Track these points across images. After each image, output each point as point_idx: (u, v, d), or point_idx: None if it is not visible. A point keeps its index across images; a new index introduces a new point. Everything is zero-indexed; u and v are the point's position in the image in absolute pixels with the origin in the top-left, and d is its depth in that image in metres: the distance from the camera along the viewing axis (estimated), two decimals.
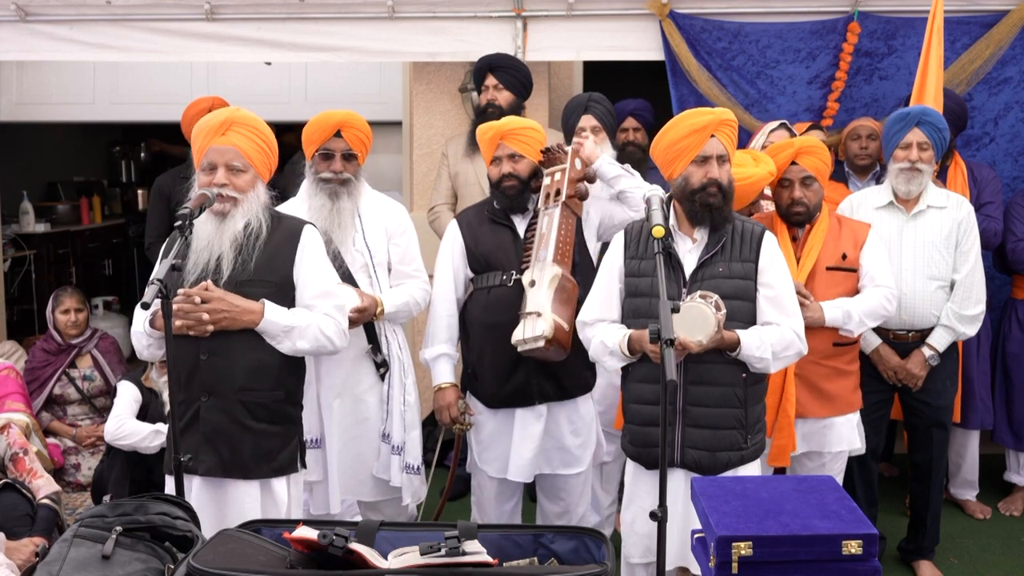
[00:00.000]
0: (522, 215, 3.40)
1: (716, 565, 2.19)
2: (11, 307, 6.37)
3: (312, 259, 2.86)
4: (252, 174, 2.82)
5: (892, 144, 3.61)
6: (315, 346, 2.82)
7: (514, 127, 3.37)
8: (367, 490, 3.41)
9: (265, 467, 2.82)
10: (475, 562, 2.12)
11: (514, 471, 3.37)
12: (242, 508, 2.77)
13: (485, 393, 3.40)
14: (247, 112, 2.88)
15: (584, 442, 3.43)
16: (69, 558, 2.27)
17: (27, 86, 6.28)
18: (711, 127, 2.85)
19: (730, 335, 2.77)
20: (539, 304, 3.09)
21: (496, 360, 3.31)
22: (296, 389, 2.93)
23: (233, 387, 2.76)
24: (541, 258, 3.18)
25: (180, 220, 2.63)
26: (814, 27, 4.50)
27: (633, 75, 5.73)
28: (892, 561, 3.87)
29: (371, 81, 5.87)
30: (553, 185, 3.30)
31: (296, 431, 2.92)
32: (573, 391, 3.38)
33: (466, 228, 3.43)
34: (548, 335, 3.03)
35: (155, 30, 4.70)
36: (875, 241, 3.43)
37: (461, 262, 3.42)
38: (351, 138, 3.31)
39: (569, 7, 4.55)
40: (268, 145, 2.86)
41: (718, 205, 2.85)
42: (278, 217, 2.92)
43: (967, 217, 3.62)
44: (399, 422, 3.35)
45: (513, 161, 3.35)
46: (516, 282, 3.27)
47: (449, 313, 3.43)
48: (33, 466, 3.69)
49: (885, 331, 3.62)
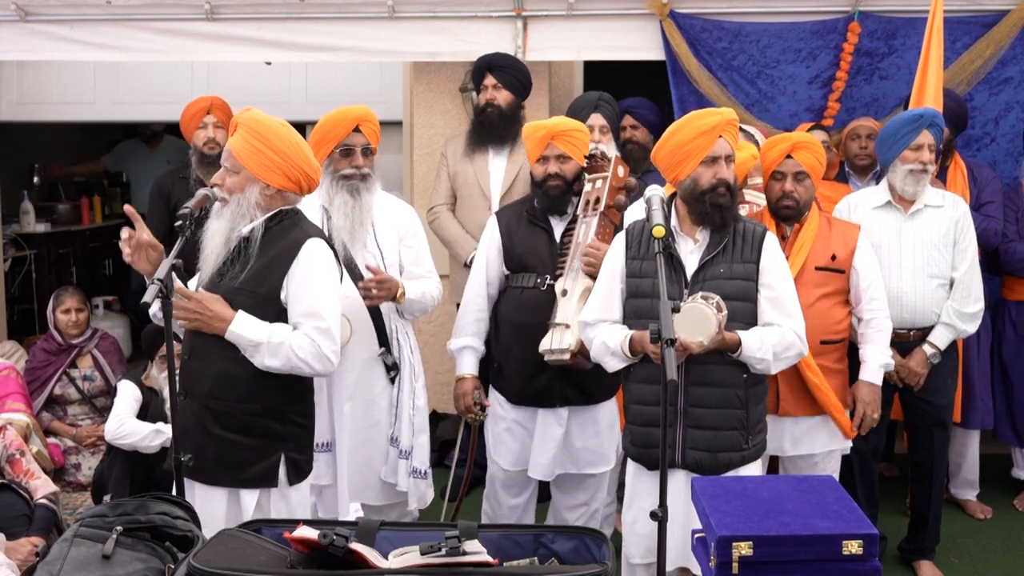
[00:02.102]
0: (560, 217, 3.42)
1: (716, 565, 2.19)
2: (11, 307, 6.37)
3: (305, 275, 2.73)
4: (245, 175, 2.74)
5: (900, 145, 3.60)
6: (287, 366, 2.70)
7: (566, 128, 3.38)
8: (374, 494, 3.41)
9: (231, 477, 2.75)
10: (475, 562, 2.12)
11: (535, 469, 3.42)
12: (203, 513, 2.69)
13: (510, 389, 3.45)
14: (256, 113, 2.79)
15: (606, 443, 3.48)
16: (69, 558, 2.27)
17: (27, 86, 6.28)
18: (719, 128, 2.85)
19: (731, 336, 2.77)
20: (568, 316, 3.16)
21: (523, 359, 3.35)
22: (283, 406, 2.79)
23: (202, 391, 2.74)
24: (575, 268, 3.22)
25: (180, 220, 2.63)
26: (814, 27, 4.50)
27: (633, 75, 5.73)
28: (893, 561, 3.87)
29: (371, 81, 5.87)
30: (593, 192, 3.31)
31: (281, 447, 2.79)
32: (596, 396, 3.42)
33: (504, 226, 3.46)
34: (574, 349, 3.11)
35: (155, 30, 4.70)
36: (866, 248, 3.41)
37: (497, 259, 3.46)
38: (369, 133, 3.30)
39: (569, 7, 4.55)
40: (271, 147, 2.72)
41: (727, 205, 2.85)
42: (292, 226, 2.80)
43: (964, 215, 3.64)
44: (408, 426, 3.35)
45: (560, 162, 3.36)
46: (549, 287, 3.31)
47: (479, 307, 3.48)
48: (30, 467, 3.69)
49: None
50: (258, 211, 2.76)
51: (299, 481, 2.87)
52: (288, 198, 2.81)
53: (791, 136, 3.49)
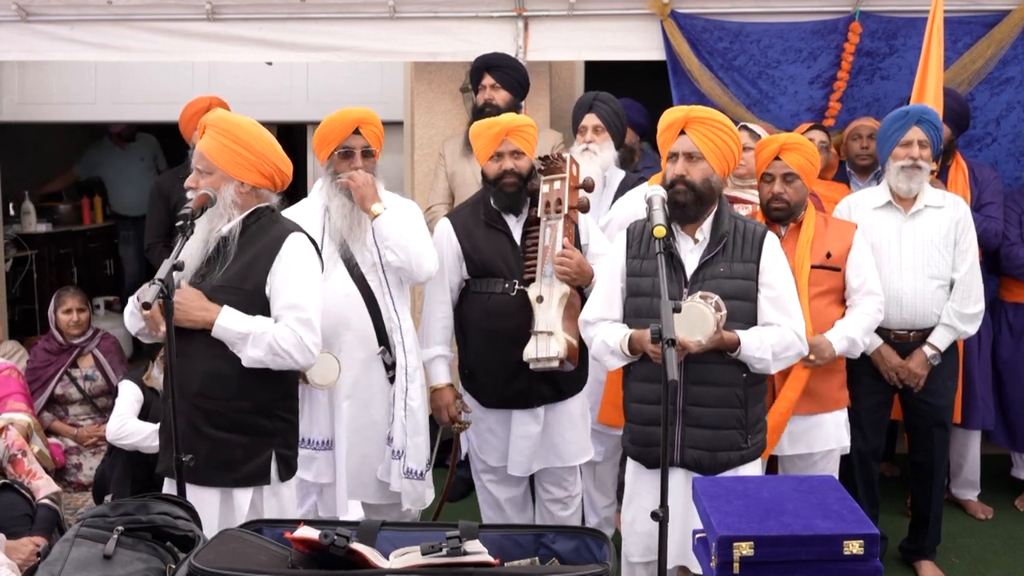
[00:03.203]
0: (516, 216, 3.42)
1: (717, 565, 2.20)
2: (13, 307, 6.37)
3: (287, 270, 2.77)
4: (219, 175, 2.76)
5: (891, 142, 3.61)
6: (269, 356, 2.72)
7: (519, 123, 3.39)
8: (372, 492, 3.41)
9: (224, 476, 2.77)
10: (476, 562, 2.12)
11: (514, 467, 3.45)
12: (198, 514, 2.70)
13: (483, 395, 3.46)
14: (223, 113, 2.84)
15: (583, 433, 3.52)
16: (71, 558, 2.27)
17: (28, 86, 6.28)
18: (678, 124, 2.87)
19: (730, 336, 2.77)
20: (550, 323, 3.18)
21: (497, 366, 3.37)
22: (271, 402, 2.82)
23: (191, 391, 2.74)
24: (548, 274, 3.23)
25: (181, 220, 2.63)
26: (815, 27, 4.49)
27: (634, 75, 5.73)
28: (894, 561, 3.87)
29: (372, 81, 5.87)
30: (553, 194, 3.31)
31: (270, 443, 2.82)
32: (568, 391, 3.45)
33: (461, 231, 3.44)
34: (562, 355, 3.14)
35: (156, 30, 4.70)
36: (862, 244, 3.43)
37: (456, 265, 3.44)
38: (369, 135, 3.30)
39: (570, 7, 4.54)
40: (242, 145, 2.75)
41: (684, 203, 2.84)
42: (271, 222, 2.85)
43: (964, 216, 3.63)
44: (400, 426, 3.34)
45: (515, 158, 3.36)
46: (520, 292, 3.31)
47: (444, 315, 3.48)
48: (32, 467, 3.69)
49: (886, 331, 3.61)
50: (235, 210, 2.79)
51: (289, 477, 2.90)
52: (263, 195, 2.85)
53: (779, 138, 3.49)
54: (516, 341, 3.24)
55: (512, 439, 3.43)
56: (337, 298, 3.20)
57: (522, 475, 3.49)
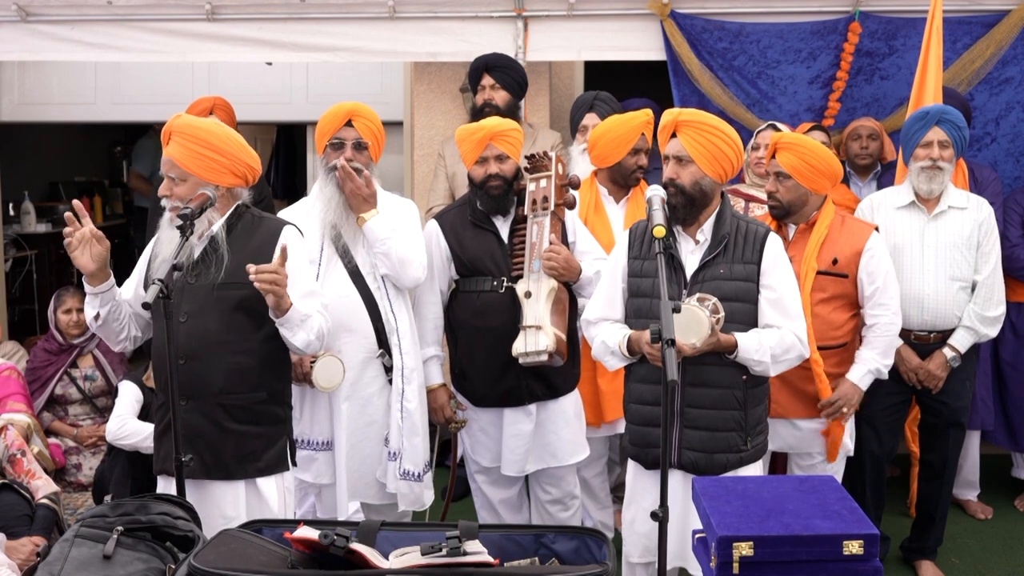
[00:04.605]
0: (503, 217, 3.43)
1: (717, 565, 2.19)
2: (12, 307, 6.37)
3: (293, 259, 2.80)
4: (194, 182, 2.77)
5: (912, 143, 3.59)
6: (315, 339, 2.81)
7: (504, 128, 3.39)
8: (372, 493, 3.40)
9: (249, 467, 2.81)
10: (476, 562, 2.12)
11: (508, 466, 3.45)
12: (224, 508, 2.77)
13: (475, 393, 3.47)
14: (188, 118, 2.83)
15: (577, 432, 3.52)
16: (70, 558, 2.27)
17: (28, 86, 6.28)
18: (669, 127, 2.88)
19: (727, 338, 2.75)
20: (538, 317, 3.20)
21: (487, 363, 3.38)
22: (281, 390, 2.90)
23: (212, 390, 2.76)
24: (536, 269, 3.26)
25: (181, 220, 2.63)
26: (815, 27, 4.50)
27: (634, 75, 5.73)
28: (895, 561, 3.87)
29: (372, 81, 5.87)
30: (539, 192, 3.34)
31: (283, 430, 2.90)
32: (561, 389, 3.45)
33: (450, 231, 3.46)
34: (551, 349, 3.15)
35: (156, 30, 4.70)
36: (878, 250, 3.34)
37: (446, 265, 3.47)
38: (361, 127, 3.27)
39: (570, 7, 4.55)
40: (213, 149, 2.76)
41: (674, 205, 2.84)
42: (255, 217, 2.89)
43: (988, 218, 3.61)
44: (396, 428, 3.33)
45: (500, 162, 3.38)
46: (508, 289, 3.33)
47: (435, 315, 3.50)
48: (31, 467, 3.70)
49: (906, 332, 3.57)
50: (215, 213, 2.81)
51: (293, 463, 2.98)
52: (236, 194, 2.87)
53: (773, 136, 3.47)
54: (506, 338, 3.25)
55: (504, 438, 3.43)
56: (336, 300, 3.20)
57: (516, 475, 3.47)
